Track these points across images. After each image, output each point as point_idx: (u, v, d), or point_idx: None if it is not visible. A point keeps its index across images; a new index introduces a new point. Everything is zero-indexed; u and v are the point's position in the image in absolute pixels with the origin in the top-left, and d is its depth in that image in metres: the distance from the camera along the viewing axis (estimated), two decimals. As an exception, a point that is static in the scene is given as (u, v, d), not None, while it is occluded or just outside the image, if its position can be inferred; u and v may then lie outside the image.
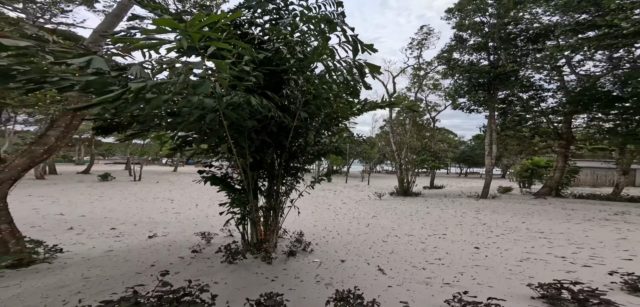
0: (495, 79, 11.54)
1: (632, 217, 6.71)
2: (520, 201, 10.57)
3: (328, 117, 3.31)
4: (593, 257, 3.27)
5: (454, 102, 14.33)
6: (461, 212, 7.71)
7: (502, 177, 35.73)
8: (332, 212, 8.18)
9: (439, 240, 4.40)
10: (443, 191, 14.93)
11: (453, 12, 12.65)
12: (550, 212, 7.52)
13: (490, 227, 5.52)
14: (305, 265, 3.17)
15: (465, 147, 36.51)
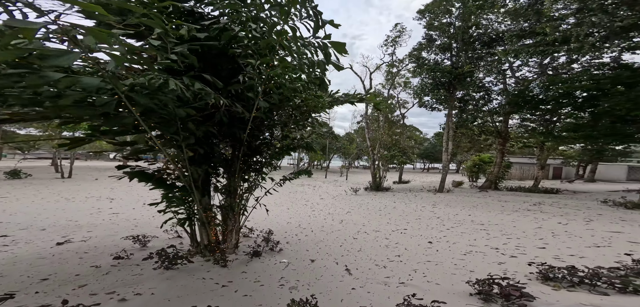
0: (455, 78, 12.14)
1: (546, 207, 7.84)
2: (468, 194, 11.68)
3: (297, 110, 3.01)
4: (518, 247, 3.70)
5: (420, 100, 14.78)
6: (421, 206, 8.23)
7: (456, 172, 38.93)
8: (309, 208, 8.13)
9: (400, 235, 4.60)
10: (409, 186, 15.86)
11: (424, 13, 12.98)
12: (490, 205, 8.43)
13: (443, 220, 5.97)
14: (271, 266, 3.01)
15: (428, 144, 38.41)
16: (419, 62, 13.41)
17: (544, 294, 2.10)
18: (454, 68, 12.39)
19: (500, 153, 14.48)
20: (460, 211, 7.18)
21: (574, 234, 4.43)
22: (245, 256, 3.25)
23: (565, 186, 16.23)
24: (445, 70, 12.24)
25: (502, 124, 14.63)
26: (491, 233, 4.60)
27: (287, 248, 3.87)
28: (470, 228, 5.04)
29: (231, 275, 2.65)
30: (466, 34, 12.25)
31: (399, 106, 19.03)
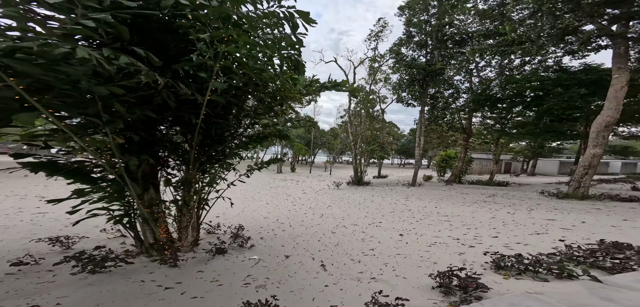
0: (428, 75, 12.26)
1: (498, 199, 8.59)
2: (436, 187, 12.39)
3: (268, 95, 2.66)
4: (476, 237, 3.92)
5: (398, 96, 14.77)
6: (395, 199, 8.50)
7: (428, 167, 40.95)
8: (290, 202, 7.94)
9: (375, 229, 4.63)
10: (386, 180, 16.38)
11: (404, 9, 12.92)
12: (454, 197, 9.00)
13: (413, 213, 6.19)
14: (237, 264, 2.77)
15: (405, 140, 39.10)
16: (398, 58, 13.33)
17: (497, 283, 2.19)
18: (428, 65, 12.48)
19: (464, 149, 15.51)
20: (428, 204, 7.54)
21: (520, 223, 4.84)
22: (206, 254, 2.94)
23: (513, 180, 18.09)
24: (420, 66, 12.31)
25: (466, 121, 15.55)
26: (453, 224, 4.84)
27: (261, 244, 3.64)
28: (436, 220, 5.28)
29: (182, 276, 2.34)
30: (440, 32, 12.32)
31: (379, 101, 19.18)
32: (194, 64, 1.77)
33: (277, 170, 21.33)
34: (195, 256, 2.85)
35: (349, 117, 14.66)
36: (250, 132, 3.14)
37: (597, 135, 8.15)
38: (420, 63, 12.76)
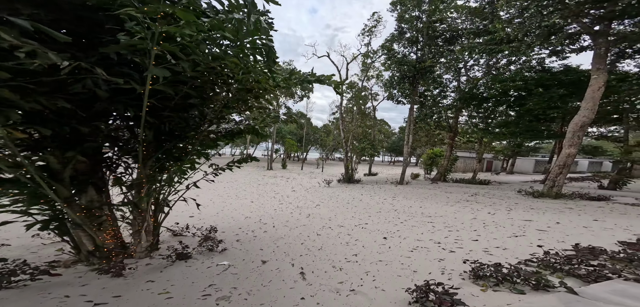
0: (418, 73, 12.02)
1: (480, 198, 8.73)
2: (422, 186, 12.50)
3: (237, 88, 2.34)
4: (457, 240, 3.85)
5: (390, 93, 14.49)
6: (383, 198, 8.44)
7: (416, 165, 41.45)
8: (277, 201, 7.68)
9: (361, 231, 4.49)
10: (376, 178, 16.41)
11: (396, 5, 12.58)
12: (438, 196, 9.06)
13: (399, 213, 6.12)
14: (200, 272, 2.50)
15: (395, 137, 39.15)
16: (389, 54, 13.02)
17: (474, 296, 2.07)
18: (418, 62, 12.24)
19: (450, 147, 15.72)
20: (413, 203, 7.51)
21: (500, 224, 4.85)
22: (163, 261, 2.65)
23: (494, 178, 18.65)
24: (411, 63, 12.06)
25: (453, 120, 15.69)
26: (436, 226, 4.78)
27: (236, 248, 3.38)
28: (420, 221, 5.21)
29: (124, 287, 2.04)
30: (431, 29, 12.07)
31: (371, 98, 18.97)
32: (123, 47, 1.41)
33: (267, 166, 20.86)
34: (151, 262, 2.55)
35: (340, 114, 14.39)
36: (217, 128, 2.82)
37: (573, 135, 8.38)
38: (410, 60, 12.49)
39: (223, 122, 2.87)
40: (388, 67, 13.50)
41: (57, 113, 1.74)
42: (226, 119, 2.88)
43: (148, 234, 2.66)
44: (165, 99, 2.08)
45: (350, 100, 16.51)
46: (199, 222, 4.89)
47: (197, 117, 2.54)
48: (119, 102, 1.90)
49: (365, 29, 13.63)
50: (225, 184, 11.04)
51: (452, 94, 15.24)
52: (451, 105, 15.14)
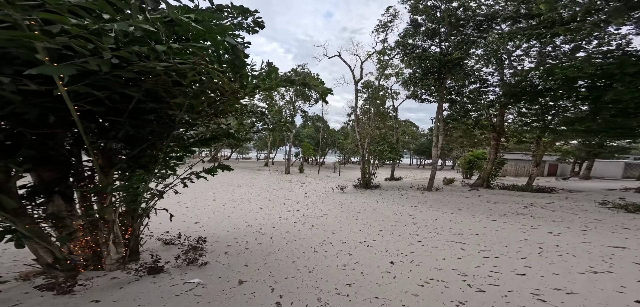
0: (443, 67, 10.78)
1: (538, 210, 7.00)
2: (457, 193, 10.85)
3: (198, 95, 2.20)
4: (493, 273, 2.99)
5: (410, 91, 13.55)
6: (402, 208, 7.52)
7: (452, 168, 37.48)
8: (285, 208, 7.53)
9: (365, 250, 3.94)
10: (399, 183, 15.08)
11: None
12: (477, 207, 7.63)
13: (419, 227, 5.26)
14: (163, 290, 2.37)
15: (425, 139, 36.89)
16: (406, 50, 12.04)
17: None
18: (442, 55, 10.97)
19: (494, 149, 13.44)
20: (441, 215, 6.44)
21: (566, 251, 3.67)
22: (130, 275, 2.58)
23: (560, 184, 15.12)
24: (434, 57, 10.85)
25: (497, 117, 13.45)
26: (467, 248, 3.88)
27: (219, 262, 3.22)
28: (445, 240, 4.33)
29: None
30: (453, 17, 10.72)
31: (391, 98, 17.87)
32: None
33: (285, 170, 21.34)
34: (118, 277, 2.53)
35: (355, 115, 13.76)
36: (185, 133, 2.74)
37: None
38: (433, 54, 11.26)
39: (196, 127, 2.80)
40: (407, 64, 12.45)
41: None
42: (198, 124, 2.79)
43: (118, 246, 2.66)
44: (113, 102, 2.03)
45: (366, 101, 15.89)
46: (201, 229, 5.04)
47: (159, 123, 2.49)
48: (35, 105, 1.73)
49: (379, 24, 12.90)
50: (244, 188, 11.57)
51: (495, 88, 13.10)
52: (494, 102, 13.01)
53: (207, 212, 6.64)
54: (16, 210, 2.09)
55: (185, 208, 7.04)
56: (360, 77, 13.61)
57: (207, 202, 7.97)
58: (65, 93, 1.52)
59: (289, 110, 21.90)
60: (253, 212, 6.79)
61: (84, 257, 2.52)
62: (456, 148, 24.86)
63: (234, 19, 3.25)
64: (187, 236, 4.14)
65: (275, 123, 3.72)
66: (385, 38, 13.20)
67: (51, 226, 2.39)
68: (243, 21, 3.30)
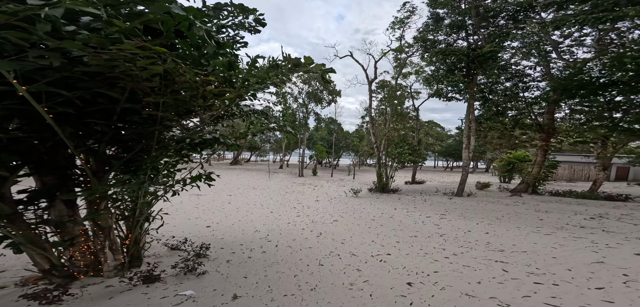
0: (473, 61, 9.85)
1: (611, 223, 5.63)
2: (494, 199, 9.49)
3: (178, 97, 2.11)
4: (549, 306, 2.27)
5: (433, 89, 12.80)
6: (426, 216, 6.71)
7: (485, 171, 34.68)
8: (295, 213, 7.28)
9: (378, 266, 3.45)
10: (422, 187, 13.90)
11: None
12: (521, 216, 6.47)
13: (446, 240, 4.53)
14: (153, 302, 2.25)
15: (452, 140, 35.16)
16: (426, 46, 11.32)
17: None
18: (471, 49, 10.08)
19: (542, 150, 11.61)
20: (475, 226, 5.54)
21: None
22: (124, 284, 2.51)
23: (635, 191, 12.35)
24: (460, 52, 9.99)
25: (545, 115, 11.71)
26: (510, 269, 3.12)
27: (219, 271, 3.05)
28: (481, 257, 3.59)
29: None
30: (482, 7, 9.87)
31: (412, 97, 16.96)
32: None
33: (298, 173, 21.38)
34: (112, 285, 2.48)
35: (370, 115, 13.20)
36: (168, 135, 2.64)
37: None
38: (460, 48, 10.42)
39: (186, 128, 2.71)
40: (429, 61, 11.73)
41: None
42: (182, 126, 2.70)
43: (115, 253, 2.64)
44: (88, 103, 1.98)
45: (382, 101, 15.42)
46: (211, 234, 5.01)
47: (143, 124, 2.42)
48: (4, 108, 1.66)
49: (395, 21, 12.43)
50: (258, 191, 11.78)
51: (538, 83, 11.61)
52: (540, 98, 11.44)
53: (221, 215, 6.71)
54: (10, 216, 2.15)
55: (202, 211, 7.23)
56: (375, 76, 13.21)
57: (222, 205, 8.13)
58: (26, 92, 1.45)
59: (302, 113, 22.18)
60: (263, 216, 6.68)
61: (84, 263, 2.54)
62: (491, 150, 22.38)
63: (235, 19, 3.17)
64: (193, 241, 4.10)
65: (280, 124, 3.52)
66: (401, 35, 12.72)
67: (52, 232, 2.45)
68: (244, 20, 3.20)
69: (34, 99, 1.54)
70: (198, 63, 2.08)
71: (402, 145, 11.91)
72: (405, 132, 16.83)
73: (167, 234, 4.46)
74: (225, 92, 2.19)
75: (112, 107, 2.06)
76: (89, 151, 2.40)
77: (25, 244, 2.22)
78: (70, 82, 1.67)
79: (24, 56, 1.22)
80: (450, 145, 34.59)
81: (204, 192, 10.18)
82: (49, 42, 1.17)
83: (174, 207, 7.27)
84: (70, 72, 1.53)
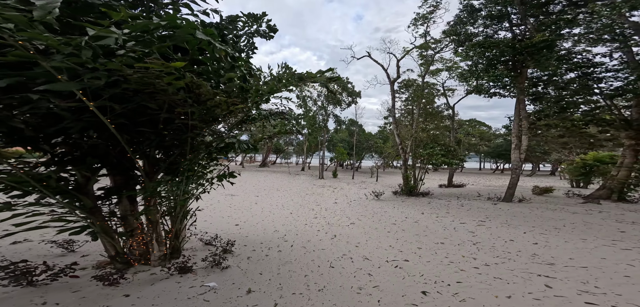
0: (521, 53, 8.83)
1: None
2: (556, 206, 8.09)
3: (207, 111, 2.56)
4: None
5: (472, 85, 11.93)
6: (460, 221, 6.16)
7: (551, 174, 29.94)
8: (312, 215, 7.50)
9: (391, 272, 3.39)
10: (460, 191, 12.64)
11: None
12: (592, 227, 5.40)
13: (481, 249, 4.12)
14: (183, 291, 2.66)
15: (502, 140, 31.77)
16: (459, 39, 10.59)
17: None
18: (518, 40, 9.12)
19: (633, 151, 9.42)
20: (522, 235, 4.87)
21: None
22: (163, 273, 2.98)
23: None
24: (504, 44, 9.11)
25: (634, 110, 9.55)
26: (556, 286, 2.71)
27: (240, 266, 3.43)
28: (520, 269, 3.19)
29: (103, 298, 2.34)
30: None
31: (443, 95, 15.86)
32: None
33: (319, 175, 21.72)
34: (155, 273, 2.99)
35: (393, 116, 12.73)
36: (201, 142, 3.11)
37: None
38: (503, 40, 9.60)
39: (212, 133, 3.19)
40: (464, 55, 10.96)
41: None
42: (206, 132, 3.18)
43: (160, 244, 3.10)
44: (139, 114, 2.52)
45: (407, 101, 14.86)
46: (238, 232, 5.51)
47: (177, 131, 2.90)
48: (81, 121, 2.20)
49: (417, 17, 11.98)
50: (281, 192, 12.50)
51: (616, 73, 9.66)
52: (624, 90, 9.49)
53: (248, 215, 7.35)
54: (92, 209, 2.72)
55: (233, 210, 8.00)
56: (397, 76, 12.80)
57: (250, 206, 8.88)
58: (95, 107, 2.00)
59: (321, 115, 22.64)
60: (283, 217, 7.08)
61: (138, 252, 3.19)
62: (557, 150, 18.94)
63: (250, 28, 3.58)
64: (222, 238, 4.55)
65: (298, 123, 3.88)
66: (426, 31, 12.17)
67: (118, 224, 3.11)
68: (259, 28, 3.58)
69: (100, 113, 2.10)
70: (218, 75, 2.48)
71: (432, 146, 11.14)
72: (439, 132, 15.84)
73: (203, 230, 5.10)
74: (238, 104, 2.56)
75: (157, 117, 2.59)
76: (143, 155, 3.02)
77: (100, 233, 2.78)
78: (122, 97, 2.20)
79: (81, 78, 1.72)
80: (500, 146, 31.39)
81: (237, 193, 11.26)
82: (89, 64, 1.62)
83: (211, 206, 8.27)
84: (121, 89, 2.04)
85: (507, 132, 27.93)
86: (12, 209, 2.34)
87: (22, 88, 1.83)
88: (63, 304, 2.31)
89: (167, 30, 1.94)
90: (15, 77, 1.64)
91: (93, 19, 1.84)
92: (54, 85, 1.66)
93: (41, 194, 2.44)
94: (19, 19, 1.36)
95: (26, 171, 2.41)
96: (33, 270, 2.57)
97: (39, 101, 1.87)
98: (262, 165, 33.40)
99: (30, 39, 1.43)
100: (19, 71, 1.68)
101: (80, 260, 3.40)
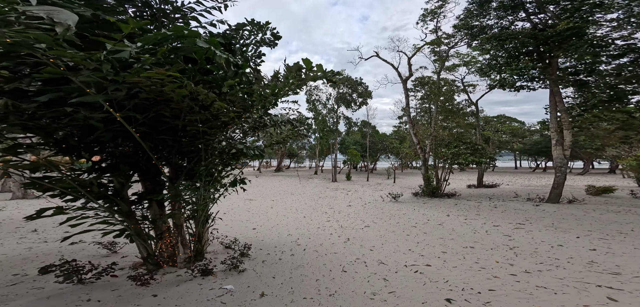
0: (546, 43, 8.34)
1: None
2: (620, 207, 7.15)
3: (212, 117, 2.73)
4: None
5: (494, 80, 11.57)
6: (493, 224, 5.65)
7: (610, 172, 27.05)
8: (325, 218, 7.40)
9: (410, 277, 3.17)
10: (493, 191, 11.73)
11: None
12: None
13: (519, 254, 3.70)
14: (203, 292, 2.79)
15: (538, 136, 29.88)
16: (472, 32, 10.25)
17: None
18: (540, 30, 8.59)
19: None
20: (574, 239, 4.31)
21: None
22: (187, 274, 3.15)
23: None
24: (524, 34, 8.65)
25: None
26: (624, 300, 2.31)
27: (256, 270, 3.51)
28: (571, 277, 2.78)
29: (135, 297, 2.51)
30: None
31: (464, 91, 15.32)
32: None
33: (332, 178, 21.58)
34: (181, 275, 3.18)
35: (408, 115, 12.37)
36: (216, 149, 3.26)
37: None
38: (521, 30, 9.14)
39: (222, 140, 3.31)
40: (480, 49, 10.71)
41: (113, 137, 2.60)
42: (218, 140, 3.29)
43: (184, 247, 3.31)
44: (160, 123, 2.71)
45: (422, 99, 14.52)
46: (255, 236, 5.65)
47: (190, 137, 3.06)
48: (111, 130, 2.46)
49: (425, 13, 11.81)
50: (295, 196, 12.66)
51: None
52: None
53: (264, 219, 7.51)
54: (127, 213, 2.98)
55: (251, 214, 8.23)
56: (410, 74, 12.57)
57: (266, 210, 9.06)
58: (120, 118, 2.23)
59: (332, 118, 22.65)
60: (296, 221, 7.10)
61: (167, 255, 3.39)
62: (614, 146, 16.91)
63: (256, 36, 3.67)
64: (240, 241, 4.68)
65: (307, 127, 3.99)
66: (436, 26, 11.91)
67: (149, 227, 3.37)
68: (263, 36, 3.66)
69: (125, 122, 2.32)
70: (222, 83, 2.57)
71: (457, 145, 10.57)
72: (463, 130, 15.25)
73: (223, 234, 5.35)
74: (240, 111, 2.66)
75: (175, 124, 2.78)
76: (167, 161, 3.26)
77: (134, 235, 3.04)
78: (143, 108, 2.40)
79: (106, 90, 1.89)
80: (538, 142, 29.25)
81: (255, 197, 11.60)
82: (109, 76, 1.78)
83: (232, 210, 8.60)
84: (140, 100, 2.24)
85: (543, 128, 25.74)
86: (65, 212, 2.69)
87: (61, 102, 2.08)
88: (104, 302, 2.57)
89: (175, 41, 2.05)
90: (55, 93, 1.89)
91: (107, 33, 2.00)
92: (84, 97, 1.87)
93: (87, 199, 2.77)
94: (45, 38, 1.52)
95: (73, 177, 2.76)
96: (81, 269, 2.89)
97: (75, 113, 2.11)
98: (276, 170, 34.29)
99: (59, 56, 1.61)
100: (57, 86, 1.92)
101: (120, 260, 3.72)
